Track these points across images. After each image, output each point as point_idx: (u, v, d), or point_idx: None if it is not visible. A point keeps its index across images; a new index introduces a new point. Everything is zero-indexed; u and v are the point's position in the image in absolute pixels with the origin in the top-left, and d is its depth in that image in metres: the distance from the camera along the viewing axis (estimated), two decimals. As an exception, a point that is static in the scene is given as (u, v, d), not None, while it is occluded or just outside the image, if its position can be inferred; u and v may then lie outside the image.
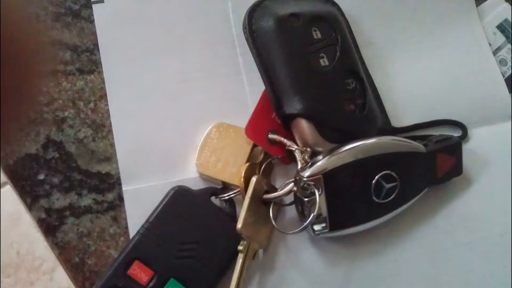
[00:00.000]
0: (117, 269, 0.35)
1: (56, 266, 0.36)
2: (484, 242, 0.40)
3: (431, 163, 0.38)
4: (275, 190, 0.38)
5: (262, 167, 0.39)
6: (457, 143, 0.40)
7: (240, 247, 0.36)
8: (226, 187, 0.39)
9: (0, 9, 0.22)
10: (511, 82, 0.43)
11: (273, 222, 0.37)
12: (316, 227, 0.36)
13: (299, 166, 0.37)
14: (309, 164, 0.36)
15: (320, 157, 0.36)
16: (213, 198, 0.38)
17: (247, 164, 0.38)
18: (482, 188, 0.41)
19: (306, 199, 0.36)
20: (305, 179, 0.35)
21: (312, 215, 0.35)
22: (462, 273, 0.39)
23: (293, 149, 0.38)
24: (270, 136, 0.39)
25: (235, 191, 0.38)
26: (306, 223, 0.35)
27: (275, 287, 0.38)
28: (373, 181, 0.36)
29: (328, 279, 0.38)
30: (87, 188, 0.39)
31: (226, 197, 0.38)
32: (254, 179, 0.37)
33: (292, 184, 0.37)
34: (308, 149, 0.37)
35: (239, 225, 0.35)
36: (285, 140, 0.38)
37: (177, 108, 0.41)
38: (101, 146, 0.40)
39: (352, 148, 0.36)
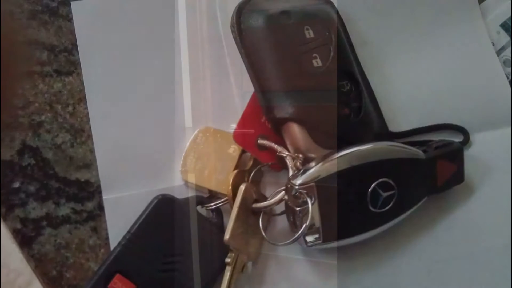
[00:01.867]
0: (97, 282, 0.35)
1: (33, 279, 0.36)
2: (487, 253, 0.39)
3: (431, 170, 0.38)
4: (265, 199, 0.38)
5: (251, 175, 0.38)
6: (458, 149, 0.40)
7: (227, 260, 0.35)
8: (213, 195, 0.39)
9: None
10: (515, 84, 0.43)
11: (263, 233, 0.36)
12: (309, 238, 0.36)
13: (291, 173, 0.36)
14: (301, 171, 0.35)
15: (312, 163, 0.35)
16: (199, 207, 0.38)
17: (235, 171, 0.38)
18: (485, 197, 0.40)
19: (298, 209, 0.35)
20: (297, 187, 0.35)
21: (304, 225, 0.35)
22: (463, 286, 0.38)
23: (284, 155, 0.37)
24: (260, 141, 0.38)
25: (222, 200, 0.38)
26: (298, 234, 0.35)
27: (264, 301, 0.38)
28: (369, 190, 0.35)
29: (321, 293, 0.38)
30: (65, 196, 0.39)
31: (213, 206, 0.38)
32: (242, 187, 0.36)
33: (283, 192, 0.36)
34: (300, 155, 0.37)
35: (226, 236, 0.35)
36: (275, 146, 0.38)
37: (161, 111, 0.40)
38: (80, 152, 0.40)
39: (347, 154, 0.35)
